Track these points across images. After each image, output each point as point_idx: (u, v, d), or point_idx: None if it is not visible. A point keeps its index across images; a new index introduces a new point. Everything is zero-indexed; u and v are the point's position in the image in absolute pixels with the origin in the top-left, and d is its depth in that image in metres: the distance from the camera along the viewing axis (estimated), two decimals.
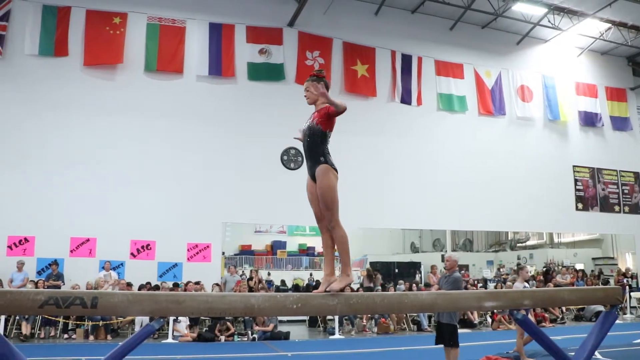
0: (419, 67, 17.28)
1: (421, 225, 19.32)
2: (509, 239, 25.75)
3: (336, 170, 4.33)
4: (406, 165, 16.50)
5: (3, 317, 10.86)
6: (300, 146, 15.94)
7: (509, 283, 15.21)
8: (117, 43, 14.59)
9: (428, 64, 17.48)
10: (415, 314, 14.04)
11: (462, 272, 18.84)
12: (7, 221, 13.19)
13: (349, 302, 4.02)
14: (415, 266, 20.48)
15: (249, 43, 15.61)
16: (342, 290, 4.05)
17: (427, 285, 15.55)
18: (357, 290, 14.90)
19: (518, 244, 25.70)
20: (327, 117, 4.40)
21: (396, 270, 20.33)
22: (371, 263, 19.91)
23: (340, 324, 13.31)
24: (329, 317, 13.74)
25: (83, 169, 13.76)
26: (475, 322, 14.51)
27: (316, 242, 23.99)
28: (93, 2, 14.65)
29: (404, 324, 14.31)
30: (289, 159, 15.48)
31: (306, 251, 23.68)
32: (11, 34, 14.06)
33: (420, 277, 19.30)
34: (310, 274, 20.40)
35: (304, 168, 14.89)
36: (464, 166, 17.04)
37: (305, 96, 4.70)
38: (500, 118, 18.18)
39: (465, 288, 12.65)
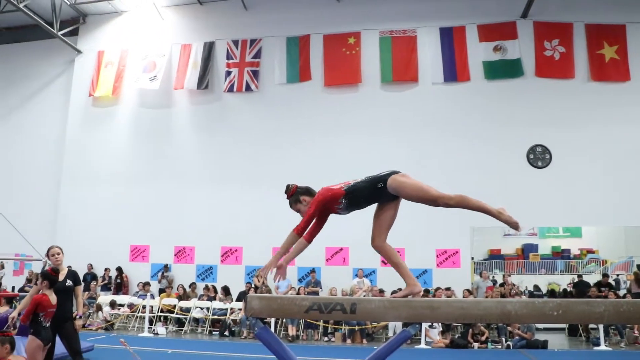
0: None
1: None
2: None
3: (394, 171, 4.21)
4: None
5: (273, 320, 12.08)
6: (547, 142, 14.90)
7: None
8: (354, 62, 15.53)
9: None
10: None
11: None
12: (272, 234, 14.67)
13: (618, 309, 3.63)
14: None
15: (482, 42, 15.23)
16: None
17: None
18: (624, 296, 13.43)
19: None
20: (324, 207, 4.25)
21: None
22: (639, 265, 17.76)
23: (606, 334, 12.08)
24: (591, 325, 12.57)
25: (337, 181, 14.65)
26: None
27: (572, 244, 22.25)
28: (328, 27, 15.82)
29: None
30: (535, 157, 14.65)
31: (561, 254, 22.06)
32: (263, 69, 15.97)
33: None
34: (573, 279, 18.95)
35: (553, 165, 13.91)
36: None
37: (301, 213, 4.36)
38: None
39: None
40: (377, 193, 4.22)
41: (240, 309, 13.05)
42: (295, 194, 4.40)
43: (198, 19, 17.01)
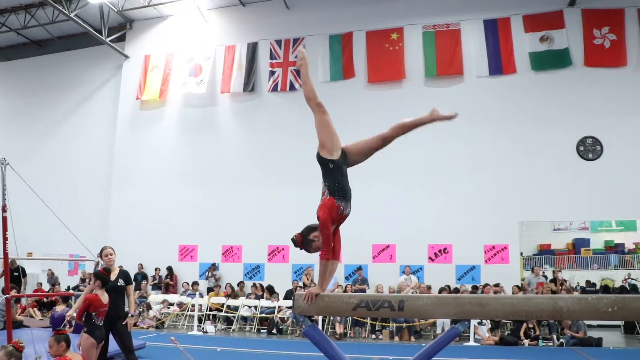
0: None
1: None
2: None
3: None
4: None
5: (320, 318, 12.12)
6: (597, 134, 14.61)
7: None
8: (397, 58, 15.42)
9: None
10: None
11: None
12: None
13: None
14: None
15: (527, 32, 14.89)
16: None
17: None
18: None
19: None
20: (331, 221, 4.37)
21: None
22: None
23: None
24: None
25: (380, 179, 14.63)
26: None
27: (625, 238, 21.57)
28: (371, 23, 15.76)
29: None
30: (585, 149, 14.26)
31: (614, 248, 21.42)
32: None
33: None
34: (629, 274, 18.39)
35: (604, 157, 13.59)
36: None
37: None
38: None
39: None
40: (339, 169, 4.46)
41: (287, 307, 13.14)
42: (304, 242, 4.51)
43: (241, 20, 17.20)
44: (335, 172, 4.33)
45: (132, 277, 7.76)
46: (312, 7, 16.48)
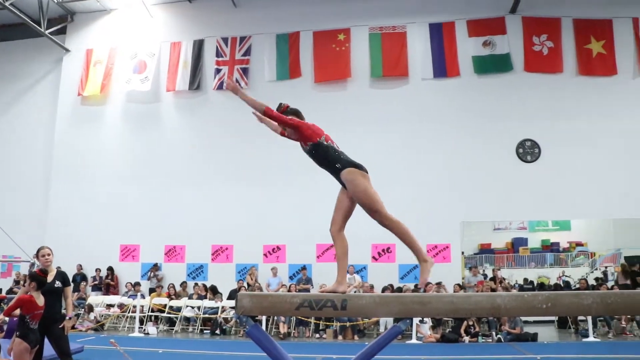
0: None
1: None
2: None
3: (359, 167, 4.18)
4: None
5: (264, 317, 12.08)
6: (536, 137, 15.20)
7: None
8: (344, 58, 15.54)
9: None
10: None
11: None
12: (263, 232, 14.77)
13: (606, 301, 3.67)
14: None
15: (471, 37, 15.29)
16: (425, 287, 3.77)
17: None
18: (612, 288, 13.57)
19: None
20: (299, 133, 4.32)
21: None
22: (626, 257, 17.92)
23: (595, 325, 12.19)
24: (580, 317, 12.67)
25: (325, 179, 14.70)
26: None
27: (561, 237, 22.42)
28: (318, 23, 15.82)
29: None
30: (524, 152, 14.74)
31: (550, 247, 22.25)
32: (253, 66, 15.95)
33: None
34: (562, 272, 19.12)
35: (542, 160, 14.08)
36: None
37: (288, 137, 4.61)
38: None
39: None
40: (332, 169, 4.33)
41: (231, 308, 13.04)
42: (285, 112, 4.59)
43: (187, 16, 16.93)
44: (331, 163, 4.38)
45: (71, 279, 7.52)
46: (260, 6, 16.39)
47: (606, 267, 18.97)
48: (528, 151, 14.73)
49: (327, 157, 4.32)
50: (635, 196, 14.12)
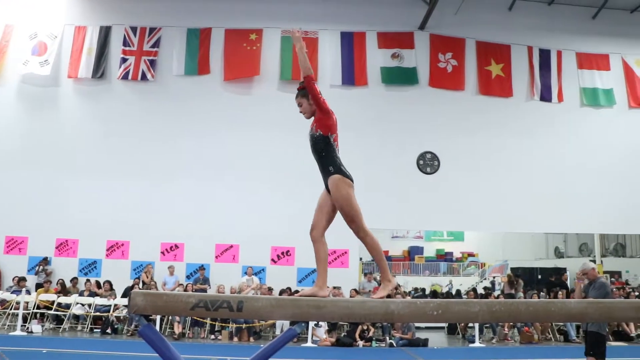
0: (559, 61, 16.24)
1: (566, 228, 17.97)
2: None
3: (349, 177, 4.31)
4: (548, 165, 15.54)
5: (158, 317, 11.74)
6: (436, 150, 15.80)
7: None
8: (254, 57, 15.42)
9: (568, 58, 16.37)
10: (562, 324, 13.21)
11: (613, 279, 17.57)
12: (161, 230, 14.34)
13: (491, 309, 3.86)
14: (559, 272, 19.32)
15: (380, 49, 15.67)
16: (388, 296, 3.93)
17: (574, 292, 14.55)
18: (498, 297, 14.37)
19: None
20: (321, 117, 4.48)
21: (539, 277, 19.32)
22: (512, 269, 19.06)
23: (481, 331, 12.87)
24: (469, 324, 13.34)
25: (227, 179, 14.57)
26: (632, 334, 13.34)
27: (454, 248, 23.45)
28: (231, 22, 15.62)
29: (549, 334, 13.52)
30: (425, 163, 15.29)
31: (444, 257, 23.24)
32: (161, 59, 15.49)
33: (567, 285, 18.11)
34: (450, 281, 19.97)
35: (441, 172, 14.66)
36: (612, 163, 15.62)
37: (300, 112, 4.70)
38: None
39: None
40: (324, 168, 4.45)
41: (125, 306, 12.56)
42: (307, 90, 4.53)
43: (94, 0, 16.14)
44: (323, 160, 4.56)
45: None
46: None
47: (494, 277, 20.04)
48: (428, 163, 15.29)
49: (327, 154, 4.43)
50: (522, 213, 15.08)
